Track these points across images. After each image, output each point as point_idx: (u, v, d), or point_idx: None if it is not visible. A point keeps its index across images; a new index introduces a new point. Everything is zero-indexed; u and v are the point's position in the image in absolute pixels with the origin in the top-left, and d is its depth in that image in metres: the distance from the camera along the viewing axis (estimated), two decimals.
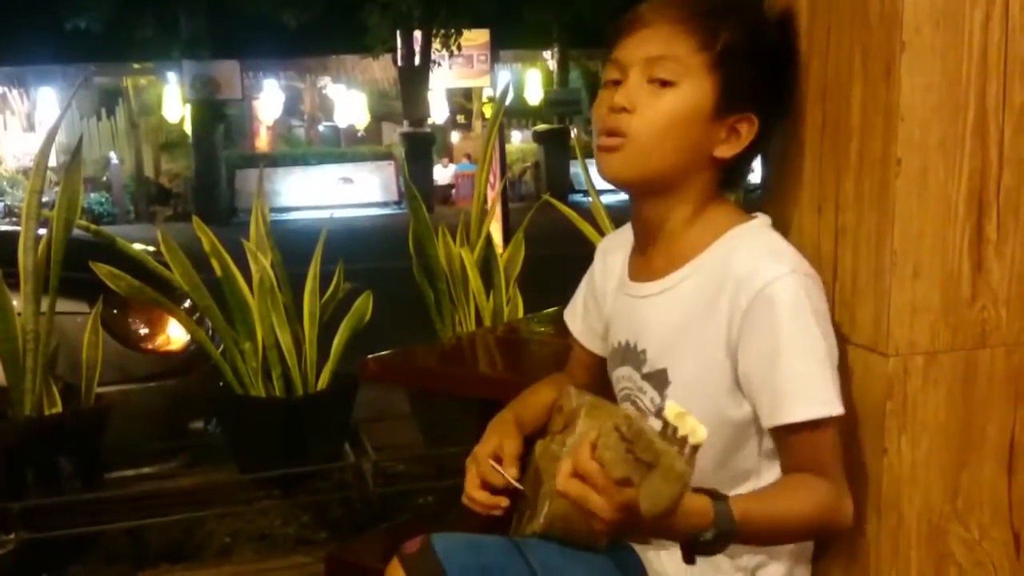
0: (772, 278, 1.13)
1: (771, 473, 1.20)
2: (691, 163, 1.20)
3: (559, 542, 1.24)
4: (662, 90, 1.17)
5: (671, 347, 1.22)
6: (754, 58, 1.19)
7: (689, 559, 1.06)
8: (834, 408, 1.12)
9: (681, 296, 1.21)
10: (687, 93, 1.17)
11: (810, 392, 1.12)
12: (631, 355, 1.28)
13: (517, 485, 1.30)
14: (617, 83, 1.20)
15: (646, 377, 1.25)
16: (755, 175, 1.40)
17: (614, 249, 1.38)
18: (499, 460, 1.32)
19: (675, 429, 0.93)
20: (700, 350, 1.18)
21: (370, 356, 2.18)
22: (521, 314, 3.66)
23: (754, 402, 1.16)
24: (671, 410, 0.95)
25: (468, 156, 18.45)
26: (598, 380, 1.41)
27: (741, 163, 1.24)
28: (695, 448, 0.93)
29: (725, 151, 1.20)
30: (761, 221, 1.24)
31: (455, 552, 1.24)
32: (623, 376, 1.30)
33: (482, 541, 1.28)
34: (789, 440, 1.14)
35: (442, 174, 18.53)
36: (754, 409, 1.17)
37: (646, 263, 1.28)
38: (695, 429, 0.93)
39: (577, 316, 1.45)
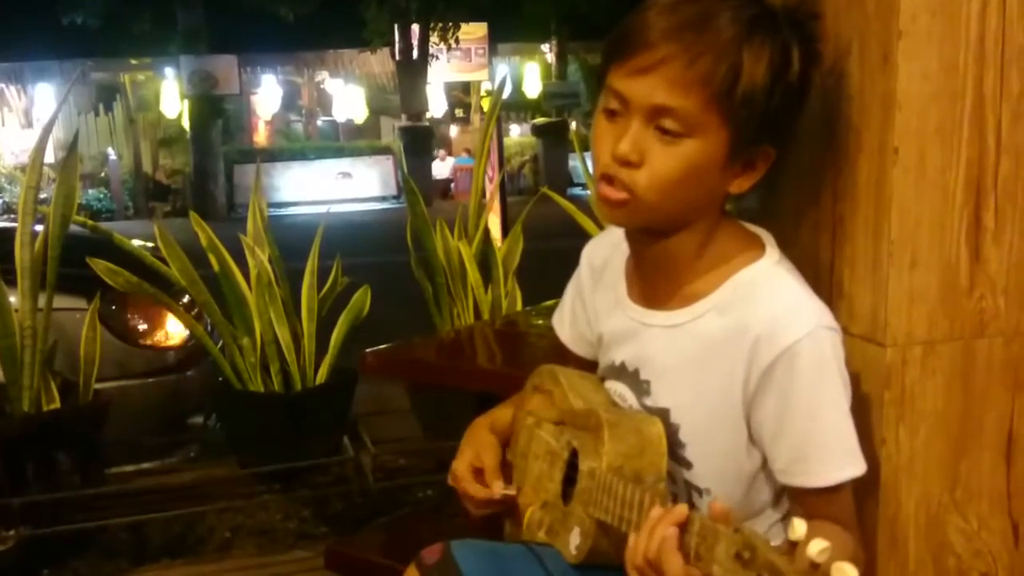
0: (796, 338, 1.07)
1: (786, 502, 1.18)
2: (704, 206, 1.13)
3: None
4: (672, 140, 1.06)
5: (678, 389, 1.16)
6: (773, 97, 1.06)
7: None
8: (858, 468, 1.09)
9: (693, 338, 1.15)
10: (699, 146, 1.06)
11: (836, 454, 1.09)
12: (631, 379, 1.22)
13: (508, 492, 1.27)
14: (615, 113, 1.09)
15: (648, 410, 1.19)
16: None
17: (603, 258, 1.31)
18: (479, 473, 1.29)
19: (812, 564, 0.78)
20: (713, 401, 1.13)
21: (368, 350, 2.18)
22: (519, 307, 3.65)
23: (767, 455, 1.12)
24: (815, 546, 0.78)
25: (467, 151, 18.45)
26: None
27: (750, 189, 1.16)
28: None
29: (741, 186, 1.12)
30: (770, 257, 1.15)
31: (476, 563, 1.22)
32: (615, 392, 1.25)
33: (503, 551, 1.26)
34: (808, 499, 1.11)
35: (440, 168, 18.52)
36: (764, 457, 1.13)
37: (650, 288, 1.21)
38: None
39: (565, 324, 1.40)
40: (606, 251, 1.31)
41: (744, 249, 1.16)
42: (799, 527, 0.81)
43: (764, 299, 1.11)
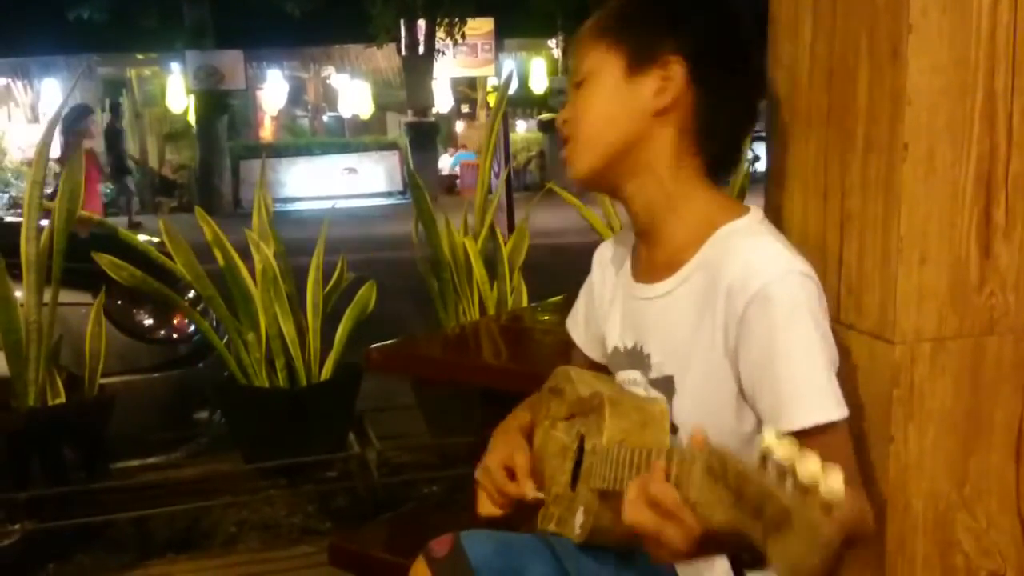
0: (766, 281, 1.08)
1: None
2: (633, 129, 1.19)
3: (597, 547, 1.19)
4: (581, 88, 1.23)
5: (675, 354, 1.18)
6: (646, 4, 1.22)
7: (739, 573, 1.02)
8: (838, 412, 1.08)
9: (681, 300, 1.18)
10: (596, 76, 1.21)
11: (812, 397, 1.07)
12: (637, 359, 1.24)
13: (538, 496, 1.24)
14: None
15: (654, 383, 1.21)
16: (761, 164, 1.37)
17: (613, 255, 1.36)
18: (511, 473, 1.28)
19: (781, 468, 0.77)
20: (703, 359, 1.15)
21: (374, 346, 2.18)
22: (525, 303, 3.65)
23: (755, 408, 1.12)
24: (781, 446, 0.78)
25: (463, 146, 18.52)
26: None
27: (709, 123, 1.18)
28: (829, 506, 0.75)
29: (661, 101, 1.17)
30: (753, 216, 1.19)
31: (487, 555, 1.22)
32: (629, 380, 1.26)
33: (512, 541, 1.26)
34: None
35: (447, 163, 18.51)
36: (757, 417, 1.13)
37: (648, 264, 1.25)
38: (827, 479, 0.75)
39: (579, 326, 1.42)
40: (616, 248, 1.36)
41: (724, 211, 1.19)
42: (767, 436, 0.80)
43: (740, 249, 1.13)
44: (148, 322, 3.52)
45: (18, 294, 2.85)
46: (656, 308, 1.22)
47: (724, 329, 1.11)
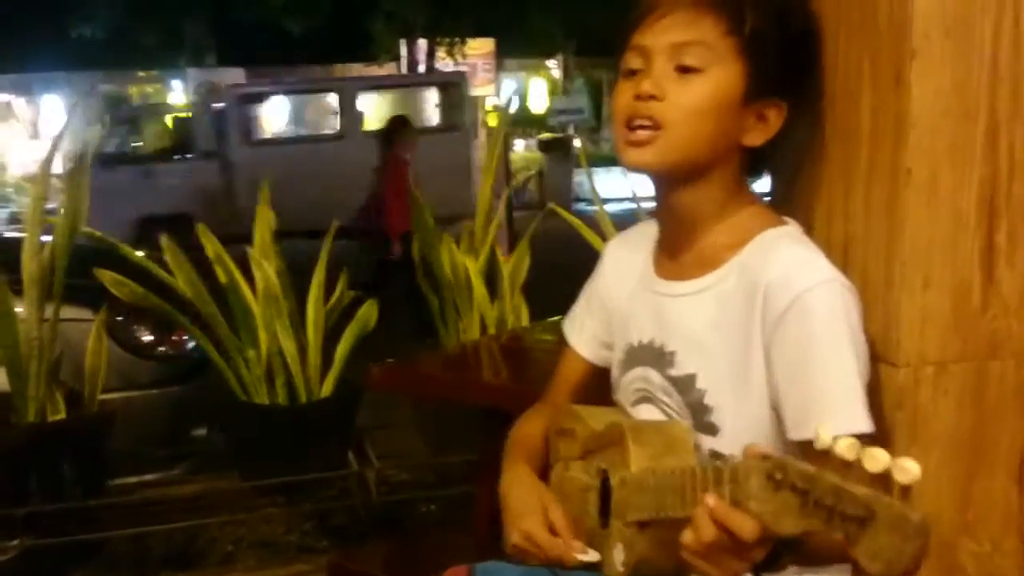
0: (809, 286, 1.08)
1: None
2: (721, 151, 1.16)
3: None
4: (690, 77, 1.13)
5: (701, 350, 1.17)
6: (782, 42, 1.16)
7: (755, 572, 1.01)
8: (867, 424, 1.06)
9: (715, 298, 1.17)
10: (717, 79, 1.13)
11: (844, 407, 1.06)
12: (654, 356, 1.22)
13: (591, 558, 1.15)
14: (638, 71, 1.15)
15: (673, 380, 1.19)
16: (764, 185, 1.38)
17: (629, 250, 1.33)
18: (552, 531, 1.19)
19: (846, 463, 0.76)
20: (735, 359, 1.13)
21: (374, 364, 2.17)
22: (525, 322, 3.65)
23: (780, 411, 1.11)
24: (842, 443, 0.78)
25: None
26: (587, 398, 1.34)
27: (765, 151, 1.20)
28: (907, 489, 0.74)
29: (754, 139, 1.17)
30: (795, 227, 1.20)
31: None
32: (638, 377, 1.24)
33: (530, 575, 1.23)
34: (814, 456, 1.09)
35: None
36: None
37: (676, 261, 1.23)
38: (897, 463, 0.75)
39: (577, 324, 1.38)
40: (632, 242, 1.34)
41: (767, 218, 1.20)
42: (823, 434, 0.78)
43: (782, 251, 1.13)
44: (148, 338, 3.51)
45: (19, 310, 2.85)
46: (682, 305, 1.20)
47: (761, 328, 1.11)
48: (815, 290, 1.08)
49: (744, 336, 1.12)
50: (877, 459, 0.75)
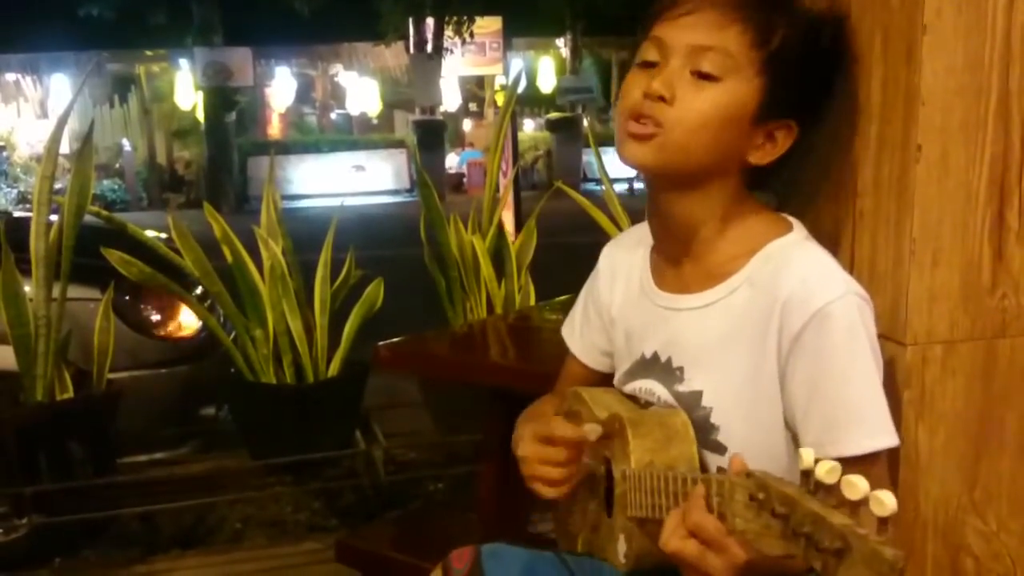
0: (828, 300, 1.05)
1: None
2: (721, 166, 1.12)
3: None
4: (705, 84, 1.08)
5: (711, 368, 1.13)
6: (807, 62, 1.11)
7: None
8: (892, 439, 1.05)
9: (724, 313, 1.13)
10: (732, 92, 1.08)
11: (868, 422, 1.04)
12: (660, 370, 1.18)
13: (597, 429, 1.14)
14: (652, 65, 1.11)
15: (679, 396, 1.15)
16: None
17: (625, 255, 1.29)
18: (549, 441, 1.17)
19: (827, 489, 0.76)
20: (746, 376, 1.10)
21: (381, 343, 2.17)
22: (533, 302, 3.65)
23: (798, 429, 1.07)
24: (822, 467, 0.77)
25: (471, 144, 18.51)
26: None
27: (771, 168, 1.15)
28: (884, 520, 0.73)
29: (759, 158, 1.12)
30: (798, 231, 1.15)
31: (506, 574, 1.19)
32: (643, 389, 1.20)
33: (535, 561, 1.23)
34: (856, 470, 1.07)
35: (454, 162, 18.52)
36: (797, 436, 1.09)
37: (676, 272, 1.19)
38: (875, 495, 0.74)
39: (576, 331, 1.35)
40: (627, 247, 1.30)
41: (771, 226, 1.15)
42: (806, 456, 0.78)
43: (795, 265, 1.09)
44: (156, 318, 3.52)
45: (27, 289, 2.85)
46: (689, 319, 1.16)
47: (776, 346, 1.07)
48: (833, 305, 1.05)
49: (758, 353, 1.09)
50: (856, 487, 0.75)
